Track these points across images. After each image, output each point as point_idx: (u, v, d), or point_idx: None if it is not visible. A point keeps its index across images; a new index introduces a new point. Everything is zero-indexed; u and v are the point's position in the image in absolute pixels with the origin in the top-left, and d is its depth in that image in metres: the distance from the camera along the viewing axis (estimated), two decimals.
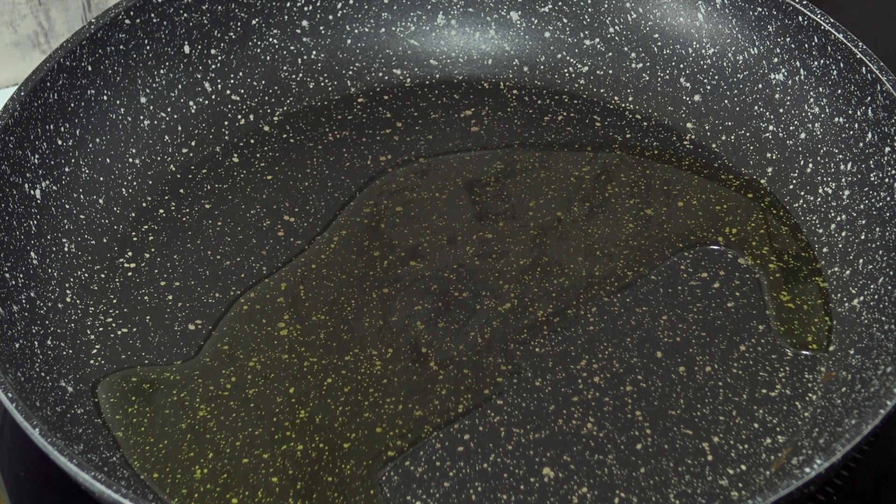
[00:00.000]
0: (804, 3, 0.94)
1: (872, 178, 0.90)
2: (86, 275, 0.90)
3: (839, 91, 0.93)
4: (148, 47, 0.97)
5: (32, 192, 0.90)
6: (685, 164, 0.97)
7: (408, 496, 0.80)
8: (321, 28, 1.02)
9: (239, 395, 0.85)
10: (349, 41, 1.02)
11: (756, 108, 0.97)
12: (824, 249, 0.91)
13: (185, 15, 0.98)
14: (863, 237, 0.89)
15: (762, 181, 0.95)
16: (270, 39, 1.00)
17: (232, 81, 0.99)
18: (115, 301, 0.89)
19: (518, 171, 0.96)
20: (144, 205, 0.94)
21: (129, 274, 0.90)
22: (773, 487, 0.73)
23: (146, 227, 0.93)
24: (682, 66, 1.00)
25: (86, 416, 0.84)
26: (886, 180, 0.89)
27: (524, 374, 0.85)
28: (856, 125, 0.92)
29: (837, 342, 0.86)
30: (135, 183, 0.95)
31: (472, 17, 1.03)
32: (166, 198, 0.94)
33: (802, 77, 0.95)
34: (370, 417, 0.84)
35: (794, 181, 0.94)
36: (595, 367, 0.86)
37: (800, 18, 0.94)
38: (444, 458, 0.82)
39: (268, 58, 1.00)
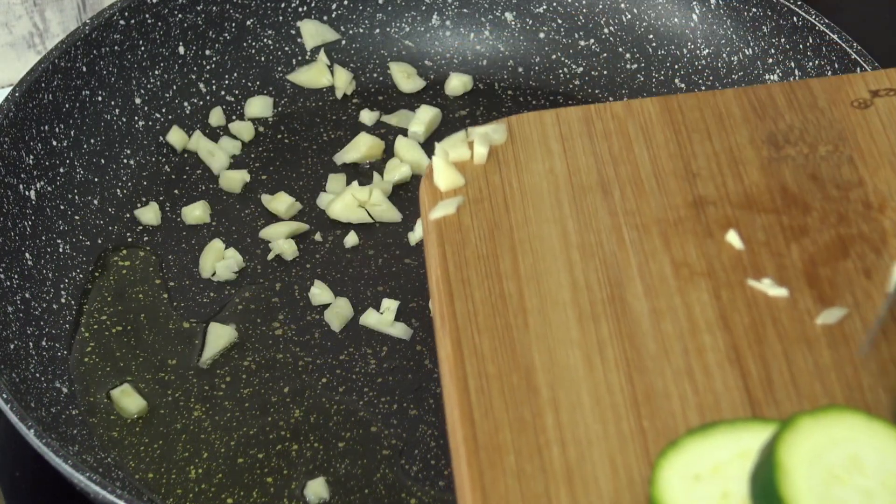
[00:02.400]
0: (799, 3, 0.94)
1: None
2: (80, 276, 0.90)
3: None
4: (142, 48, 0.97)
5: (27, 193, 0.90)
6: None
7: (403, 494, 0.80)
8: None
9: (233, 395, 0.85)
10: (343, 42, 1.02)
11: None
12: None
13: (180, 16, 0.98)
14: None
15: None
16: (265, 40, 1.00)
17: (226, 82, 0.99)
18: (109, 301, 0.89)
19: None
20: (139, 205, 0.94)
21: (124, 272, 0.90)
22: None
23: (140, 227, 0.93)
24: (677, 66, 1.00)
25: (80, 417, 0.84)
26: None
27: None
28: None
29: None
30: (129, 184, 0.95)
31: (467, 18, 1.03)
32: (161, 198, 0.94)
33: (797, 77, 0.95)
34: (365, 416, 0.84)
35: None
36: None
37: (794, 19, 0.94)
38: (438, 457, 0.82)
39: (262, 59, 1.00)
